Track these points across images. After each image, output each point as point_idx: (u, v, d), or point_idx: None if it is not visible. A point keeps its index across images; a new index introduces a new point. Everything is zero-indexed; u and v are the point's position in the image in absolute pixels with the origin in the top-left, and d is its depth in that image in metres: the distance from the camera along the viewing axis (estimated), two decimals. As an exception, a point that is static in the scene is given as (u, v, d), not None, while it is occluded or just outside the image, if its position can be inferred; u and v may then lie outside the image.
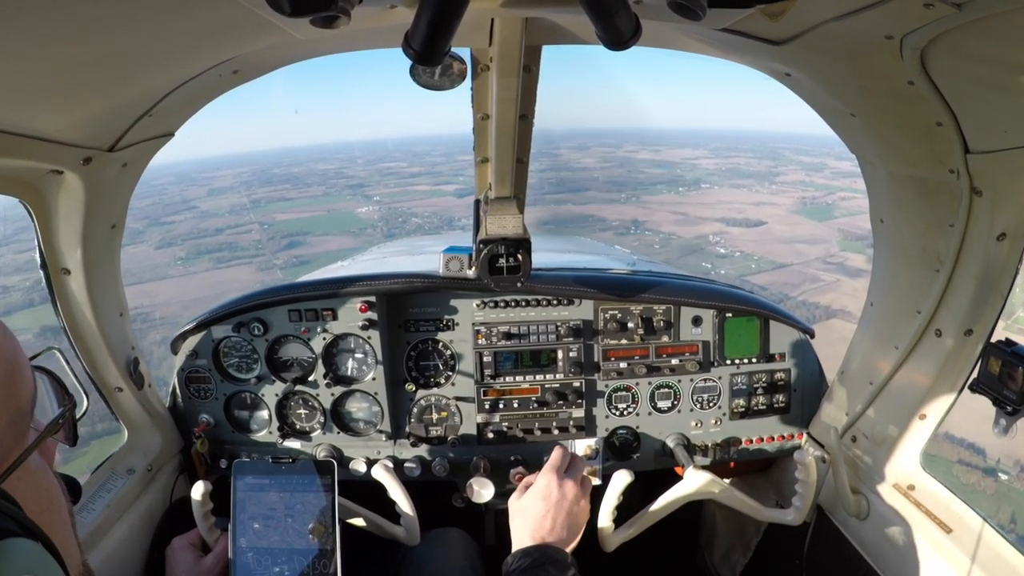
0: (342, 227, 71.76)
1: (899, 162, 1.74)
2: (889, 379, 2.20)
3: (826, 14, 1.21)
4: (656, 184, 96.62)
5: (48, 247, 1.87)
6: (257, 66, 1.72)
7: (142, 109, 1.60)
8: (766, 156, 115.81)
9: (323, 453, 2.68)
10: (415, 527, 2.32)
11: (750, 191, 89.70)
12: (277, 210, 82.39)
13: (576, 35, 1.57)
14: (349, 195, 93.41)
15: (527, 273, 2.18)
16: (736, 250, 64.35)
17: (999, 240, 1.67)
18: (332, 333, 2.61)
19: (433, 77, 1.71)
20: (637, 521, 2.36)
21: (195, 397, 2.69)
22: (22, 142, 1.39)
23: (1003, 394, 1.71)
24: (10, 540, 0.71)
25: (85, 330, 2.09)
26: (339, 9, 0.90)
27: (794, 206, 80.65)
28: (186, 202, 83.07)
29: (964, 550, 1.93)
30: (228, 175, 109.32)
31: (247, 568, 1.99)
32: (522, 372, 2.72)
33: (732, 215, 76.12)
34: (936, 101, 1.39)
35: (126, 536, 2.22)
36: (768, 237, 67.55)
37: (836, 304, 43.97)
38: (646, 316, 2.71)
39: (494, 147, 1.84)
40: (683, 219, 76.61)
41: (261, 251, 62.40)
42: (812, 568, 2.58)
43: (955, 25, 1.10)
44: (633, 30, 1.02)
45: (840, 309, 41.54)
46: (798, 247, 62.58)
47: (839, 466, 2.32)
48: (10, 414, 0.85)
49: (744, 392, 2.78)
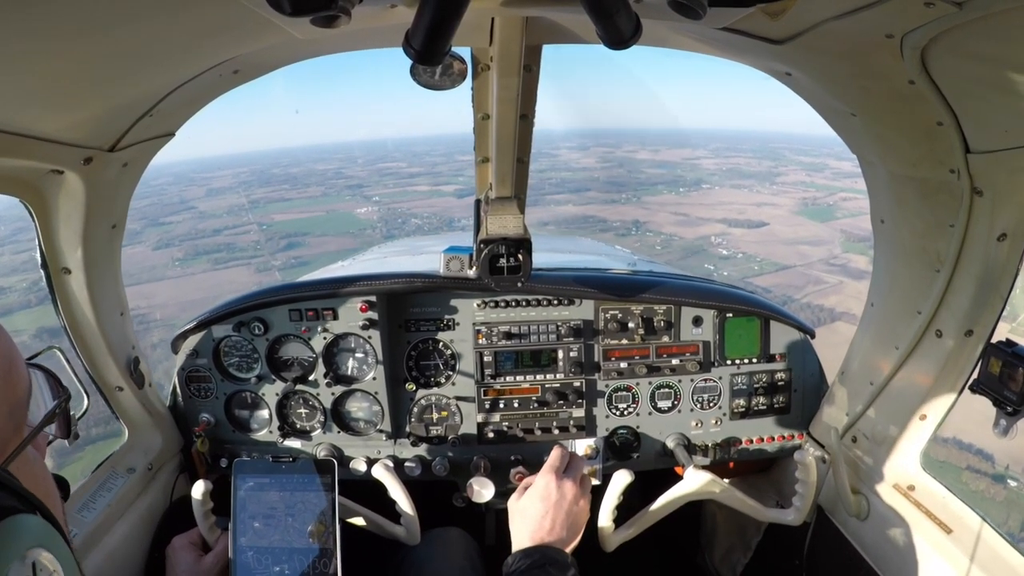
0: (341, 228, 71.36)
1: (899, 162, 1.74)
2: (889, 379, 2.19)
3: (826, 13, 1.20)
4: (656, 184, 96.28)
5: (49, 247, 1.88)
6: (258, 66, 1.72)
7: (143, 109, 1.60)
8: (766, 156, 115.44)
9: (323, 452, 2.68)
10: (415, 527, 2.32)
11: (751, 191, 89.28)
12: (276, 211, 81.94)
13: (576, 34, 1.57)
14: (348, 195, 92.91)
15: (528, 273, 2.18)
16: (739, 251, 63.90)
17: (999, 240, 1.67)
18: (332, 333, 2.62)
19: (433, 77, 1.71)
20: (637, 521, 2.36)
21: (195, 396, 2.69)
22: (22, 142, 1.39)
23: (1003, 395, 1.71)
24: (19, 516, 0.74)
25: (85, 329, 2.09)
26: (339, 8, 0.90)
27: (796, 207, 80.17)
28: (184, 202, 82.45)
29: (964, 550, 1.93)
30: (227, 175, 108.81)
31: (247, 567, 1.99)
32: (522, 372, 2.72)
33: (734, 216, 75.63)
34: (936, 101, 1.39)
35: (127, 535, 2.23)
36: (770, 238, 67.11)
37: (841, 307, 43.79)
38: (647, 316, 2.71)
39: (495, 147, 1.84)
40: (684, 220, 76.12)
41: (259, 252, 62.00)
42: (812, 568, 2.58)
43: (955, 24, 1.09)
44: (633, 29, 1.02)
45: (845, 312, 41.36)
46: (801, 248, 62.08)
47: (839, 466, 2.32)
48: (9, 405, 0.88)
49: (744, 392, 2.78)
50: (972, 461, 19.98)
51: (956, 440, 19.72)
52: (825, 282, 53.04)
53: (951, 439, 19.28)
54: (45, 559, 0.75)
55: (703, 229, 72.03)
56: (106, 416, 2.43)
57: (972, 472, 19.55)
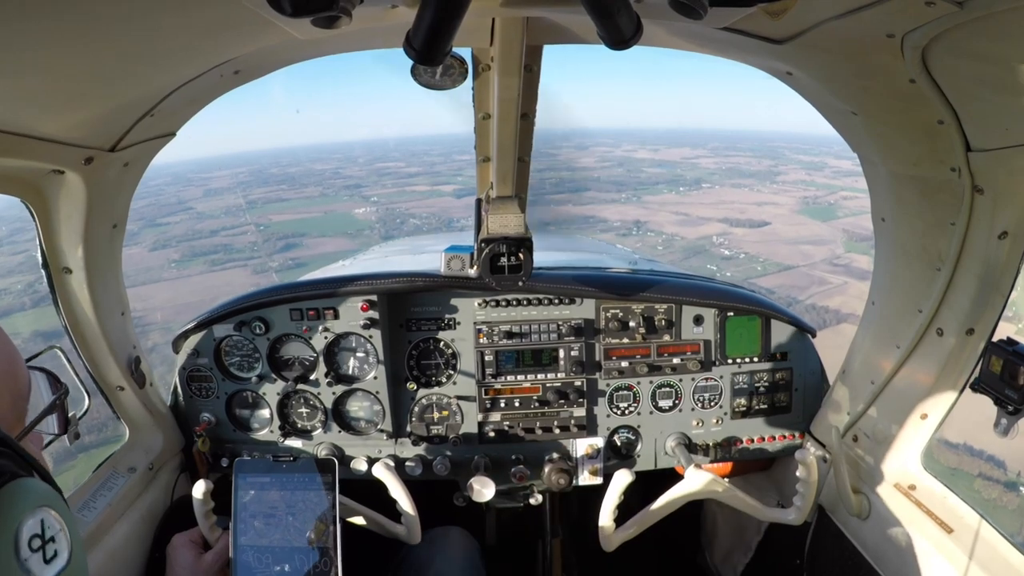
0: (339, 229, 70.16)
1: (900, 161, 1.74)
2: (890, 378, 2.19)
3: (827, 12, 1.20)
4: (657, 184, 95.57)
5: (50, 246, 1.88)
6: (258, 66, 1.72)
7: (143, 109, 1.61)
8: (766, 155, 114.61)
9: (324, 452, 2.68)
10: (416, 526, 2.32)
11: (751, 191, 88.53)
12: (273, 211, 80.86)
13: (577, 35, 1.57)
14: (346, 196, 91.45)
15: (528, 272, 2.18)
16: (741, 252, 62.82)
17: (1000, 239, 1.67)
18: (333, 332, 2.62)
19: (434, 77, 1.71)
20: (638, 520, 2.36)
21: (196, 396, 2.70)
22: (24, 142, 1.40)
23: (1005, 393, 1.70)
24: (30, 479, 0.81)
25: (86, 329, 2.09)
26: (340, 9, 0.90)
27: (797, 206, 79.12)
28: (182, 203, 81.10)
29: (965, 550, 1.93)
30: (225, 175, 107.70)
31: (248, 566, 1.99)
32: (523, 371, 2.72)
33: (735, 215, 74.72)
34: (937, 99, 1.39)
35: (128, 534, 2.23)
36: (772, 238, 66.05)
37: (845, 308, 43.34)
38: (647, 315, 2.71)
39: (495, 146, 1.84)
40: (685, 219, 75.20)
41: (256, 253, 60.83)
42: (813, 568, 2.58)
43: (956, 23, 1.10)
44: (634, 29, 1.02)
45: (850, 313, 40.82)
46: (803, 248, 60.85)
47: (840, 466, 2.32)
48: (12, 396, 0.94)
49: (745, 391, 2.78)
50: (984, 468, 19.57)
51: (967, 446, 19.34)
52: (829, 283, 52.56)
53: (961, 445, 18.97)
54: (53, 517, 0.82)
55: (704, 229, 71.06)
56: (99, 423, 2.43)
57: (984, 480, 19.12)
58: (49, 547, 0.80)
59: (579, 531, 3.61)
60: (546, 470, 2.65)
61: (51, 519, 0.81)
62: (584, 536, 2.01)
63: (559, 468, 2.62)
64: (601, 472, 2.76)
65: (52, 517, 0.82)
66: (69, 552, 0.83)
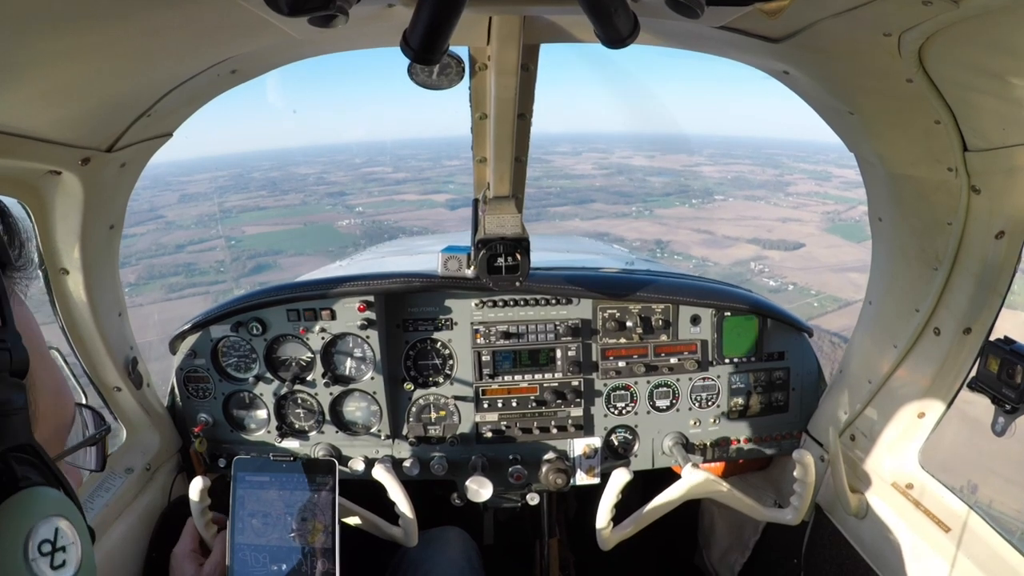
0: (319, 244, 63.56)
1: (897, 160, 1.74)
2: (888, 378, 2.20)
3: (824, 11, 1.21)
4: (666, 195, 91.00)
5: (47, 247, 1.87)
6: (256, 66, 1.71)
7: (140, 109, 1.60)
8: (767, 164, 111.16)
9: (321, 453, 2.68)
10: (413, 528, 2.32)
11: (768, 204, 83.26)
12: (248, 221, 75.10)
13: (574, 34, 1.57)
14: (329, 205, 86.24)
15: (526, 272, 2.18)
16: (786, 280, 54.18)
17: (997, 238, 1.67)
18: (330, 333, 2.61)
19: (431, 76, 1.70)
20: (635, 520, 2.36)
21: (194, 396, 2.69)
22: (20, 142, 1.39)
23: (1002, 392, 1.71)
24: (46, 488, 0.81)
25: (83, 330, 2.09)
26: (337, 8, 0.90)
27: (823, 222, 70.98)
28: (154, 210, 74.88)
29: (962, 549, 1.93)
30: (204, 179, 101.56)
31: (245, 565, 1.98)
32: (520, 371, 2.72)
33: (763, 235, 67.99)
34: (934, 99, 1.39)
35: (125, 535, 2.22)
36: (814, 263, 58.21)
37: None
38: (644, 315, 2.71)
39: (492, 146, 1.84)
40: (710, 239, 68.67)
41: (222, 277, 54.75)
42: (810, 567, 2.58)
43: (953, 22, 1.10)
44: (631, 28, 1.02)
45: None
46: (851, 276, 51.31)
47: (838, 465, 2.32)
48: (56, 424, 0.93)
49: (742, 391, 2.78)
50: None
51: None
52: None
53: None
54: (68, 528, 0.82)
55: (736, 251, 64.87)
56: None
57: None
58: (58, 555, 0.80)
59: (577, 531, 3.61)
60: (543, 470, 2.65)
61: (65, 530, 0.81)
62: (582, 536, 2.00)
63: (556, 468, 2.62)
64: (598, 472, 2.76)
65: (67, 528, 0.81)
66: (78, 566, 0.82)
